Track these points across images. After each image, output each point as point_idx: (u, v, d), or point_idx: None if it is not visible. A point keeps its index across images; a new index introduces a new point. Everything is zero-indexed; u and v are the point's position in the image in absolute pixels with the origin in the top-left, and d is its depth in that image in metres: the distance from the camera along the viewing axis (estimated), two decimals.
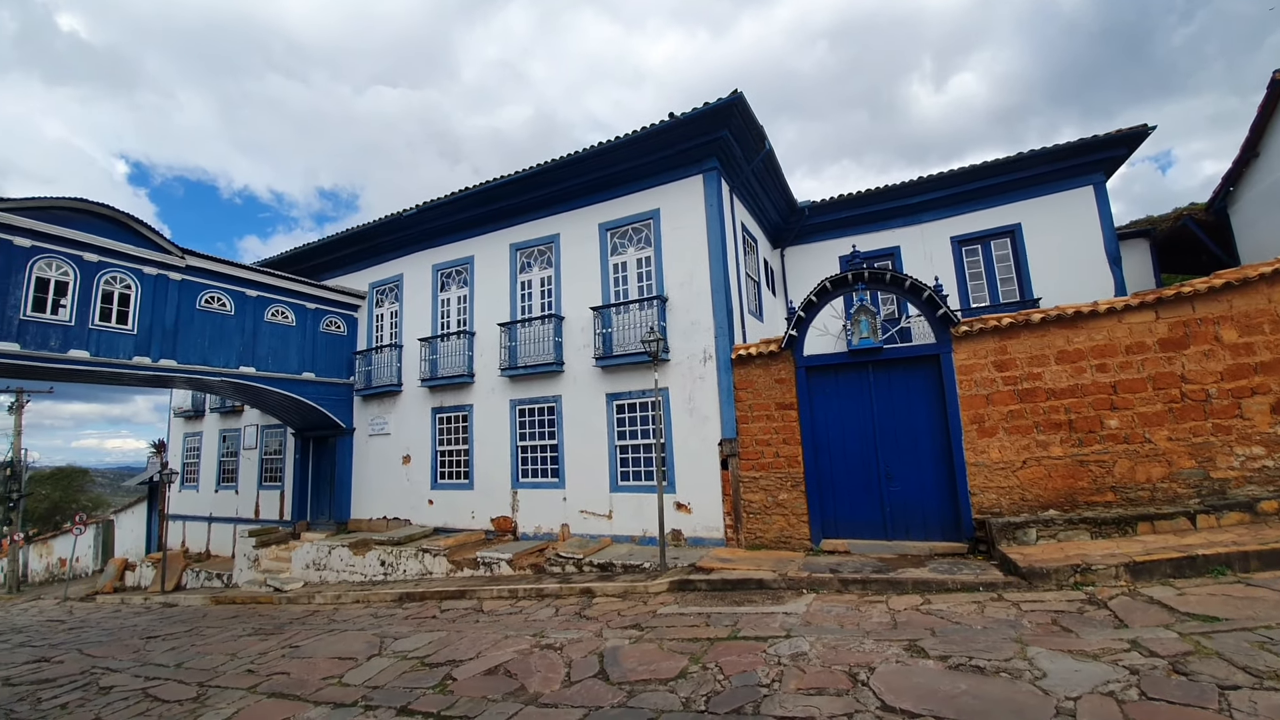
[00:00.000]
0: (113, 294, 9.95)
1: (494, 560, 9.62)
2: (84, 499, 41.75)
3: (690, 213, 10.16)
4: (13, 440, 21.75)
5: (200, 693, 5.76)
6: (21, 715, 5.59)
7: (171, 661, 7.07)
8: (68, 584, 21.26)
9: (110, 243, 9.88)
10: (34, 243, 8.99)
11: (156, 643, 8.31)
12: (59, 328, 9.24)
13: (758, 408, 9.21)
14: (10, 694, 6.32)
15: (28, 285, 8.90)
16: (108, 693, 6.07)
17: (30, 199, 8.90)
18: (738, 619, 6.06)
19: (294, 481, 14.97)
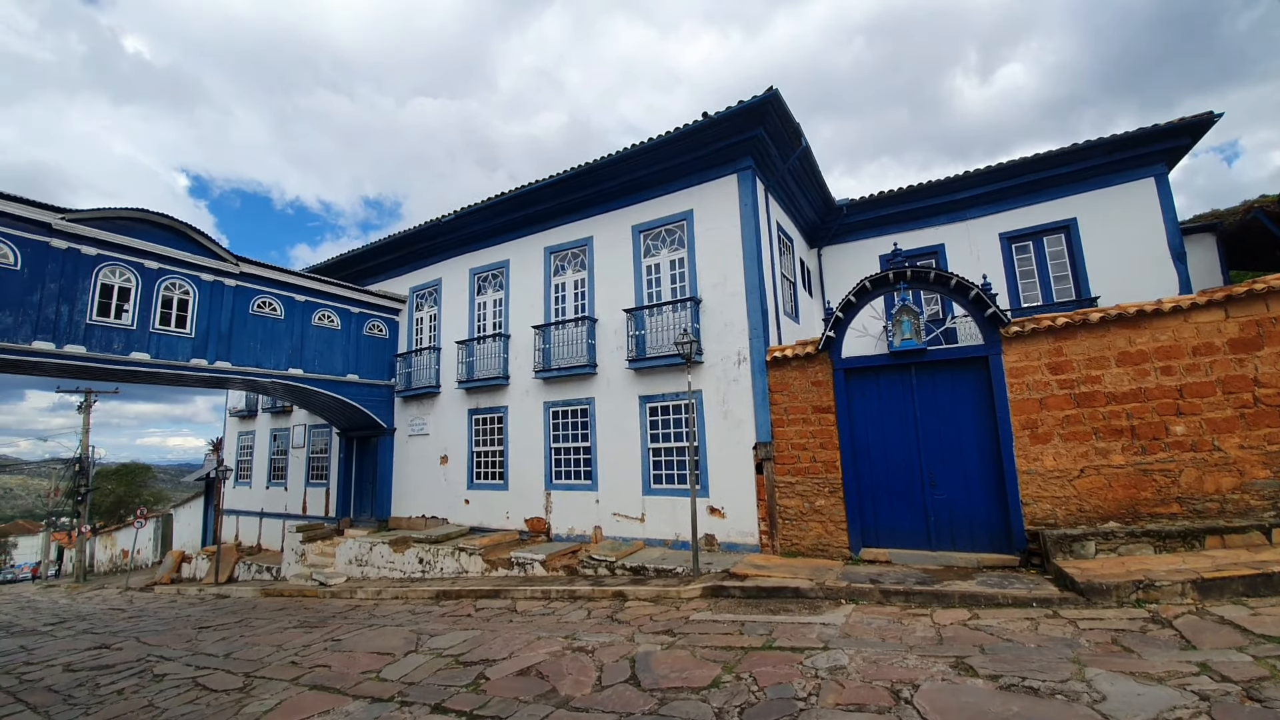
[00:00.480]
0: (172, 299, 10.49)
1: (528, 561, 9.69)
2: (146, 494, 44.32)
3: (724, 213, 10.03)
4: (81, 438, 23.26)
5: (246, 683, 5.97)
6: (80, 700, 5.90)
7: (221, 651, 7.36)
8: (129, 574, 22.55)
9: (170, 251, 10.43)
10: (100, 251, 9.57)
11: (208, 633, 8.68)
12: (122, 331, 9.80)
13: (793, 411, 8.99)
14: (70, 679, 6.70)
15: (94, 291, 9.47)
16: (160, 680, 6.35)
17: (96, 210, 9.47)
18: (773, 628, 5.90)
19: (338, 479, 15.48)
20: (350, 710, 4.94)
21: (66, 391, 22.77)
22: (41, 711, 5.61)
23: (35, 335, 8.75)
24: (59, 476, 29.76)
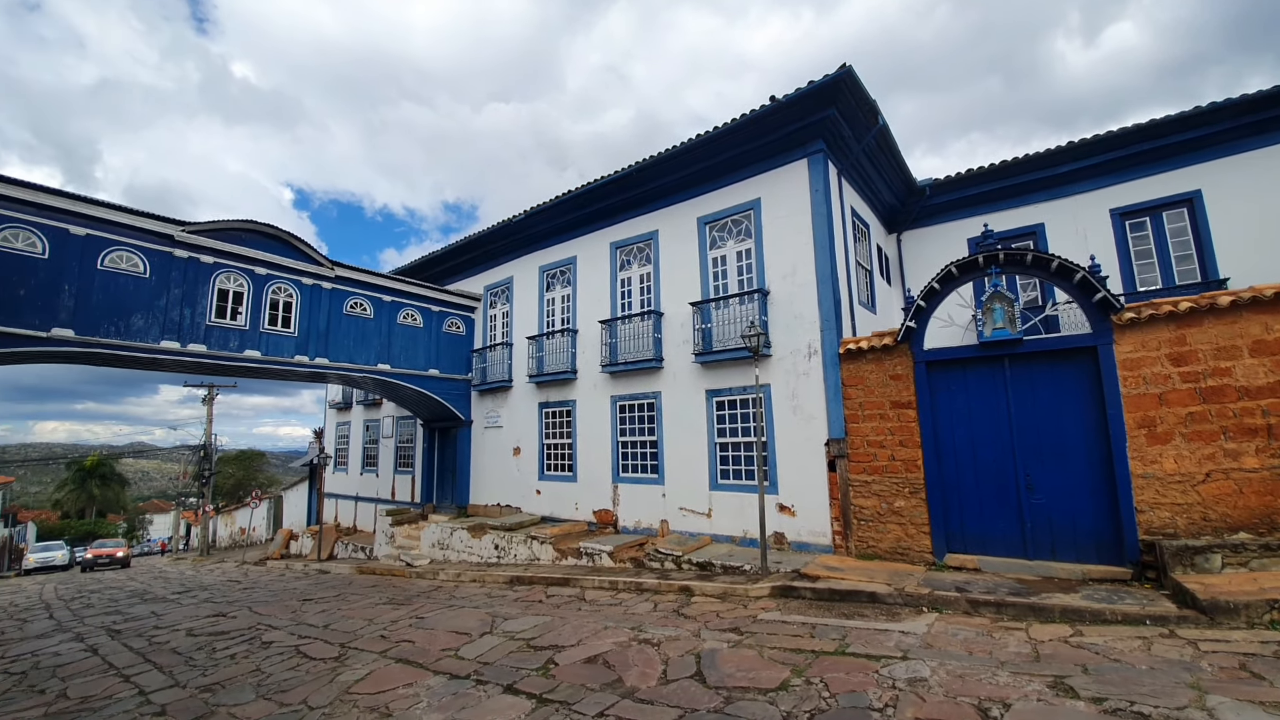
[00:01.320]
0: (278, 302, 11.52)
1: (596, 551, 9.85)
2: (261, 478, 49.29)
3: (793, 200, 9.67)
4: (205, 427, 26.16)
5: (341, 653, 6.46)
6: (198, 663, 6.62)
7: (320, 623, 8.03)
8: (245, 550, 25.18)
9: (275, 258, 11.46)
10: (216, 259, 10.65)
11: (310, 605, 9.50)
12: (236, 331, 10.87)
13: (869, 406, 8.54)
14: (191, 643, 7.53)
15: (212, 296, 10.56)
16: (268, 647, 7.02)
17: (212, 223, 10.56)
18: (846, 633, 5.65)
19: (422, 467, 16.46)
20: (431, 685, 5.22)
21: (192, 386, 25.70)
22: (166, 671, 6.35)
23: (163, 336, 9.89)
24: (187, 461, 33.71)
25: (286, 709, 4.97)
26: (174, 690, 5.68)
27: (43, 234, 8.69)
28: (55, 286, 8.76)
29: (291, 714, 4.86)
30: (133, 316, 9.55)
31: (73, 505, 45.96)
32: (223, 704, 5.20)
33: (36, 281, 8.59)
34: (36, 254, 8.62)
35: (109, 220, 9.34)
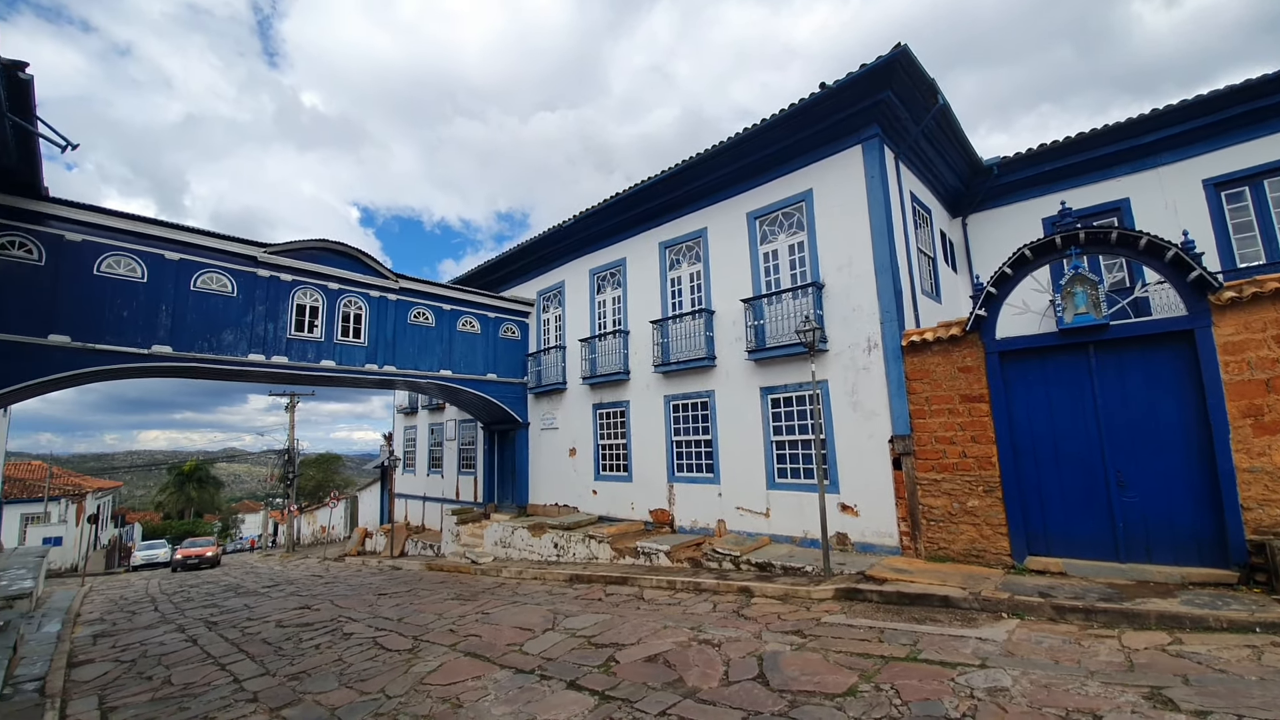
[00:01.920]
0: (349, 314, 12.23)
1: (653, 551, 9.88)
2: (338, 479, 52.45)
3: (848, 189, 9.35)
4: (289, 433, 28.10)
5: (414, 645, 6.78)
6: (286, 652, 7.11)
7: (395, 616, 8.45)
8: (325, 546, 26.81)
9: (346, 273, 12.18)
10: (294, 277, 11.43)
11: (385, 599, 10.01)
12: (313, 343, 11.62)
13: (936, 401, 8.14)
14: (280, 634, 8.10)
15: (291, 311, 11.34)
16: (348, 638, 7.45)
17: (290, 243, 11.34)
18: (917, 638, 5.40)
19: (484, 468, 17.03)
20: (497, 678, 5.39)
21: (276, 395, 27.67)
22: (257, 660, 6.85)
23: (250, 349, 10.70)
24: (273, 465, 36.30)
25: (366, 697, 5.26)
26: (265, 678, 6.12)
27: (141, 260, 9.59)
28: (154, 307, 9.65)
29: (370, 702, 5.14)
30: (223, 332, 10.38)
31: (173, 507, 50.46)
32: (309, 691, 5.57)
33: (138, 303, 9.49)
34: (137, 278, 9.52)
35: (199, 245, 10.20)
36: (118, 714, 5.39)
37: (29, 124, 6.66)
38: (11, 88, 5.87)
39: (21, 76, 5.96)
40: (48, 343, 8.50)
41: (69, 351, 8.70)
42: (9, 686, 5.93)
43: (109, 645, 8.37)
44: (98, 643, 8.58)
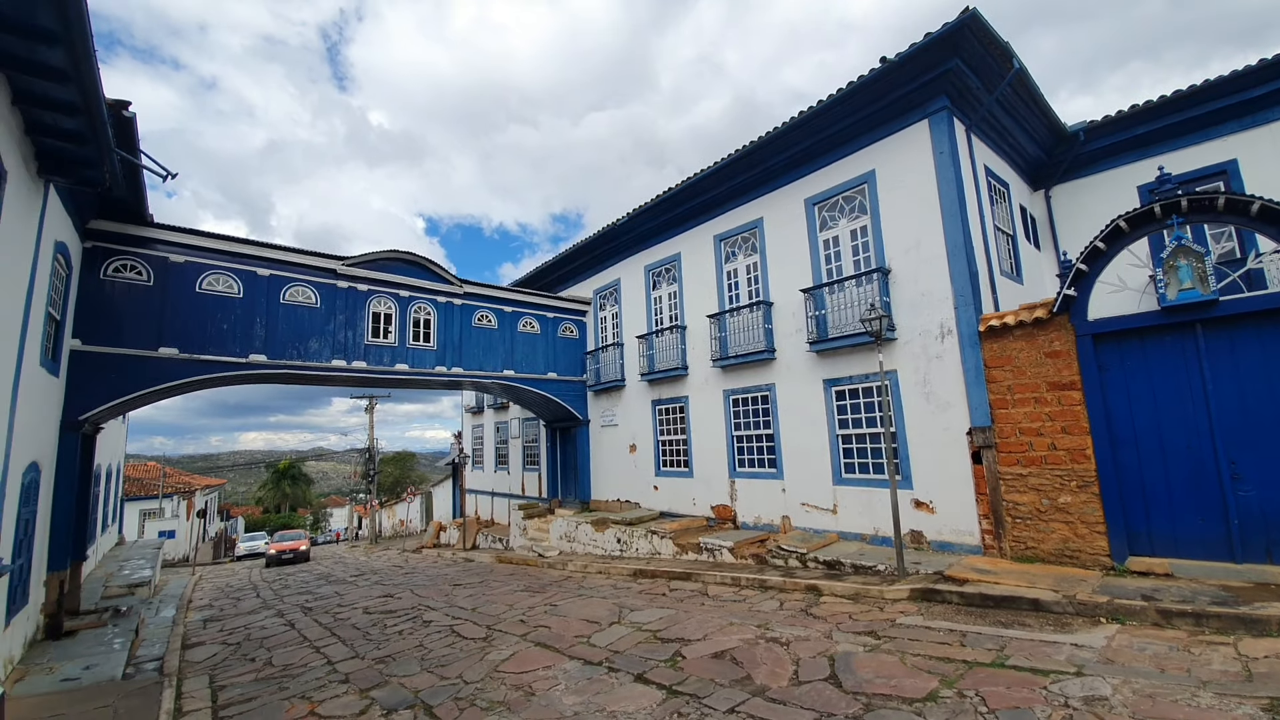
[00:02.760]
0: (419, 319, 12.86)
1: (716, 547, 9.79)
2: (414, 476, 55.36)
3: (914, 167, 8.87)
4: (369, 433, 29.92)
5: (487, 634, 7.06)
6: (373, 637, 7.58)
7: (469, 605, 8.83)
8: (404, 539, 28.37)
9: (416, 281, 12.81)
10: (370, 287, 12.13)
11: (459, 589, 10.48)
12: (388, 348, 12.30)
13: (1020, 389, 7.59)
14: (368, 620, 8.63)
15: (368, 318, 12.05)
16: (427, 626, 7.85)
17: (364, 255, 12.05)
18: (1004, 643, 5.07)
19: (547, 465, 17.48)
20: (567, 669, 5.52)
21: (356, 398, 29.52)
22: (347, 644, 7.34)
23: (333, 355, 11.45)
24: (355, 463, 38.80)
25: (445, 682, 5.53)
26: (354, 661, 6.56)
27: (237, 277, 10.46)
28: (249, 320, 10.50)
29: (450, 686, 5.39)
30: (309, 341, 11.18)
31: (271, 501, 54.99)
32: (394, 675, 5.91)
33: (235, 317, 10.36)
34: (234, 294, 10.40)
35: (286, 261, 11.01)
36: (226, 692, 5.92)
37: (134, 157, 7.40)
38: (117, 125, 6.53)
39: (125, 114, 6.63)
40: (159, 355, 9.44)
41: (177, 362, 9.63)
42: (131, 666, 6.65)
43: (217, 629, 9.23)
44: (207, 626, 9.49)
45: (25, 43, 4.66)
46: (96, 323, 8.89)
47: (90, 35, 4.67)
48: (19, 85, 5.14)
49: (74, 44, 4.67)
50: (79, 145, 6.02)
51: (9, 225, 5.53)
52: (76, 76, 5.00)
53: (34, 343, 6.61)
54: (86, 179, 6.68)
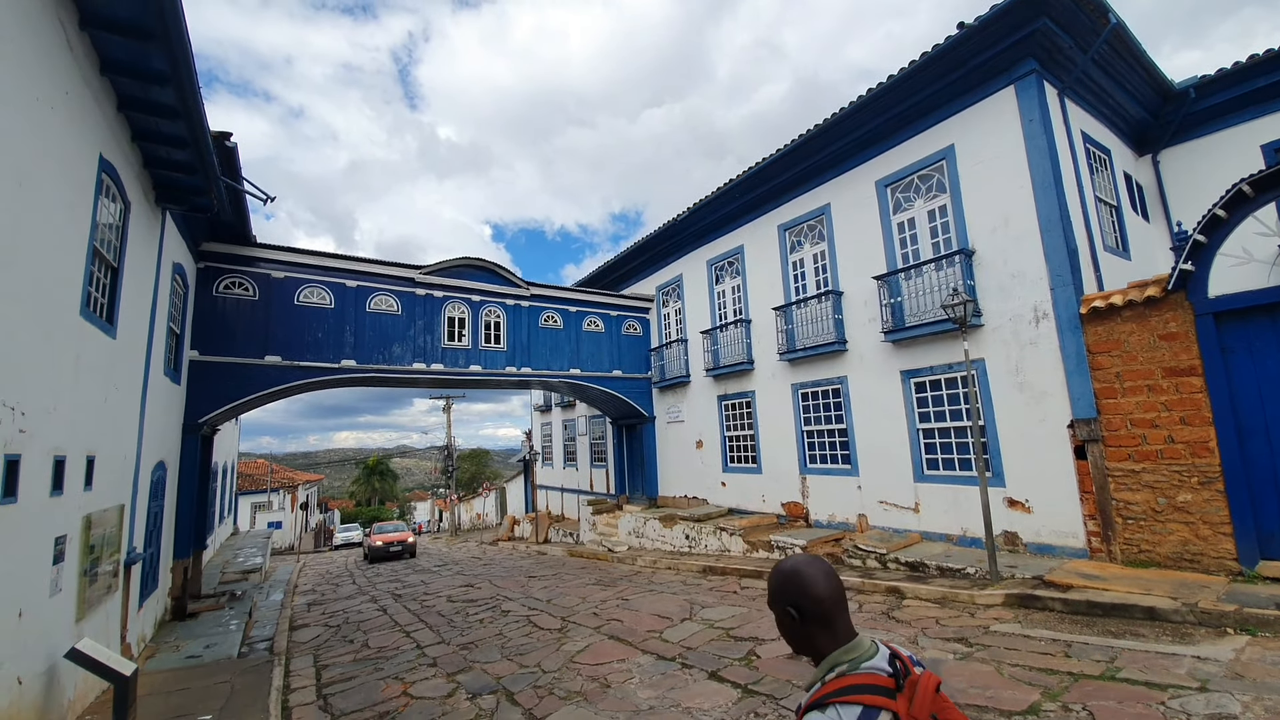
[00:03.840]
0: (490, 322, 13.37)
1: (788, 545, 9.54)
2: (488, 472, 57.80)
3: (999, 138, 8.22)
4: (447, 431, 31.50)
5: (562, 625, 7.24)
6: (457, 624, 7.95)
7: (544, 597, 9.10)
8: (481, 532, 29.66)
9: (486, 285, 13.33)
10: (445, 293, 12.75)
11: (534, 581, 10.82)
12: (462, 351, 12.87)
13: (1131, 376, 6.86)
14: (451, 608, 9.07)
15: (443, 323, 12.66)
16: (506, 615, 8.15)
17: (439, 263, 12.68)
18: (1114, 654, 4.62)
19: (614, 461, 17.70)
20: (640, 663, 5.56)
21: (435, 398, 31.16)
22: (434, 630, 7.75)
23: (414, 359, 12.13)
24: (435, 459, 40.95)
25: (524, 670, 5.72)
26: (441, 646, 6.92)
27: (329, 289, 11.28)
28: (340, 328, 11.31)
29: (529, 675, 5.57)
30: (392, 346, 11.89)
31: (362, 495, 59.19)
32: (477, 661, 6.18)
33: (328, 326, 11.18)
34: (326, 305, 11.22)
35: (371, 272, 11.77)
36: (328, 671, 6.41)
37: (237, 183, 8.13)
38: (222, 155, 7.19)
39: (228, 145, 7.29)
40: (264, 363, 10.35)
41: (281, 369, 10.52)
42: (245, 645, 7.33)
43: (319, 612, 10.02)
44: (311, 610, 10.31)
45: (141, 84, 5.22)
46: (210, 335, 9.87)
47: (195, 74, 5.16)
48: (137, 124, 5.76)
49: (182, 83, 5.18)
50: (189, 175, 6.69)
51: (134, 250, 6.23)
52: (185, 112, 5.55)
53: (158, 355, 7.42)
54: (197, 205, 7.41)
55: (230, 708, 5.09)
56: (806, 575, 1.30)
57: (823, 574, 1.30)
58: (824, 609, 1.27)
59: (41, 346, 4.19)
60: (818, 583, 1.29)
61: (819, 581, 1.29)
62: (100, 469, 5.40)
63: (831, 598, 1.28)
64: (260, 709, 5.03)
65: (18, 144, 3.73)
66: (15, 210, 3.73)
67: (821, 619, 1.28)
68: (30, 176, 3.90)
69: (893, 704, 1.16)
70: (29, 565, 4.11)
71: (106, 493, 5.62)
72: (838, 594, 1.30)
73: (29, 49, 3.81)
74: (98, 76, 4.95)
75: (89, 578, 5.15)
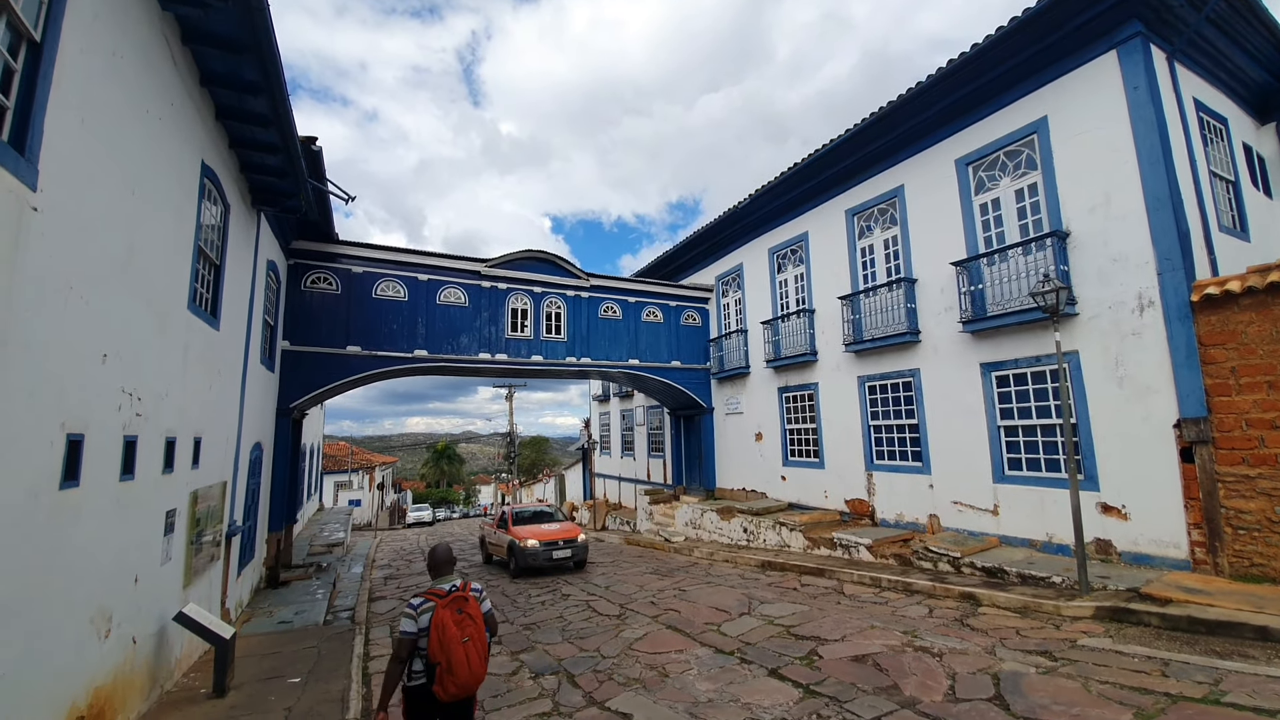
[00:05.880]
0: (550, 313, 13.65)
1: (852, 544, 9.23)
2: (547, 459, 59.39)
3: (1099, 108, 7.47)
4: (509, 419, 32.61)
5: (621, 612, 7.34)
6: (520, 605, 8.22)
7: (603, 584, 9.25)
8: None
9: (548, 277, 13.62)
10: (509, 285, 13.12)
11: (593, 567, 11.03)
12: (524, 341, 13.23)
13: (1248, 371, 6.12)
14: (515, 589, 9.38)
15: (507, 314, 13.04)
16: (566, 599, 8.36)
17: (502, 256, 13.06)
18: (1219, 677, 4.17)
19: (672, 452, 17.71)
20: (699, 655, 5.56)
21: (498, 387, 32.30)
22: (498, 609, 8.04)
23: (479, 349, 12.59)
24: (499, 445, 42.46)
25: (584, 653, 5.85)
26: (505, 625, 7.19)
27: (403, 283, 11.87)
28: (413, 320, 11.89)
29: (589, 658, 5.69)
30: (460, 336, 12.39)
31: (432, 477, 62.39)
32: (539, 641, 6.38)
33: (402, 318, 11.78)
34: (400, 298, 11.81)
35: (440, 266, 12.29)
36: None
37: (322, 185, 8.66)
38: (308, 158, 7.68)
39: (314, 148, 7.77)
40: (346, 352, 11.05)
41: (361, 358, 11.20)
42: (330, 614, 7.90)
43: (395, 585, 10.65)
44: (388, 583, 10.98)
45: (236, 95, 5.64)
46: (299, 326, 10.63)
47: (284, 82, 5.51)
48: (233, 131, 6.24)
49: (273, 92, 5.55)
50: (280, 178, 7.18)
51: (233, 249, 6.77)
52: (276, 119, 5.94)
53: (255, 345, 8.06)
54: (288, 207, 7.96)
55: (317, 671, 5.51)
56: (437, 548, 3.30)
57: (444, 549, 3.31)
58: (437, 562, 3.23)
59: (155, 339, 4.63)
60: (437, 552, 3.27)
61: (439, 551, 3.27)
62: (206, 449, 5.95)
63: (444, 559, 3.24)
64: (344, 674, 5.41)
65: (131, 153, 4.12)
66: (131, 215, 4.13)
67: (434, 568, 3.23)
68: (143, 183, 4.29)
69: (440, 602, 2.98)
70: (144, 536, 4.59)
71: (211, 470, 6.18)
72: (448, 557, 3.26)
73: (140, 64, 4.18)
74: (198, 88, 5.39)
75: (195, 548, 5.70)
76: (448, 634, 2.88)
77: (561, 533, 10.99)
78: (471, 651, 2.95)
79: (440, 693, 2.89)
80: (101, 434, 3.76)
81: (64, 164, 3.25)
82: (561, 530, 11.17)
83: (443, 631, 2.88)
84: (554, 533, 10.96)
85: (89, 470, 3.60)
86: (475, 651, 2.98)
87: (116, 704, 4.02)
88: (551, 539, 10.65)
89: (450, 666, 2.87)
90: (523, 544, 10.48)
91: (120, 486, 4.07)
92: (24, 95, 2.97)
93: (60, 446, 3.29)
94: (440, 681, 2.87)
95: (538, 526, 11.48)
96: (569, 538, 10.80)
